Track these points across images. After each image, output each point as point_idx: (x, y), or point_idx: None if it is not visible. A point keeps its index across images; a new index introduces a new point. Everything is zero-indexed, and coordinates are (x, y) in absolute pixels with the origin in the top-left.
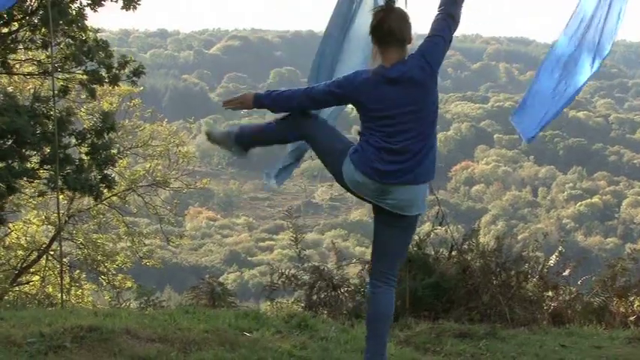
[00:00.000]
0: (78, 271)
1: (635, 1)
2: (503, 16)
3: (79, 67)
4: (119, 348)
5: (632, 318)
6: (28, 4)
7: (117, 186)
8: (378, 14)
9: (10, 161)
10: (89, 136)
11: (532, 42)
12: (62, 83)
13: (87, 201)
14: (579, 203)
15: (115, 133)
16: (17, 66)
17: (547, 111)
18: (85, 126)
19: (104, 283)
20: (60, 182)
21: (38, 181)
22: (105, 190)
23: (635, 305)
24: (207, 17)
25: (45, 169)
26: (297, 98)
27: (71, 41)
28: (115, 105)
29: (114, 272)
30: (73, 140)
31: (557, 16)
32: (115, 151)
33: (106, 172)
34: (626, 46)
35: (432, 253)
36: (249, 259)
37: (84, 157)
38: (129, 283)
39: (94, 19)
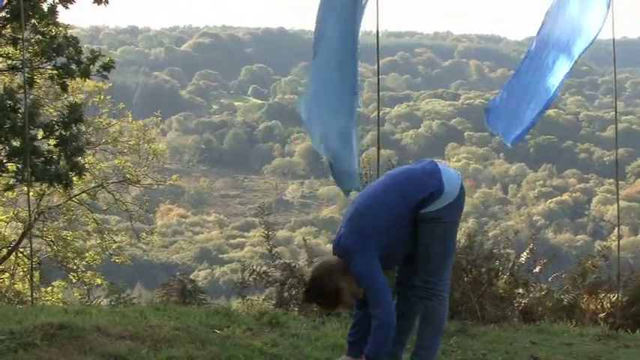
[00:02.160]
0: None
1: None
2: (475, 13)
3: (48, 63)
4: (90, 345)
5: (602, 315)
6: None
7: (87, 177)
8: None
9: None
10: (57, 127)
11: (503, 39)
12: (29, 75)
13: (56, 198)
14: (549, 200)
15: (83, 125)
16: None
17: (526, 113)
18: (51, 118)
19: (74, 280)
20: (28, 174)
21: (6, 174)
22: (75, 179)
23: (605, 302)
24: (178, 14)
25: (13, 162)
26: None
27: (41, 37)
28: (81, 100)
29: (83, 269)
30: (41, 132)
31: (527, 14)
32: (82, 142)
33: (75, 160)
34: (596, 44)
35: None
36: (220, 256)
37: (52, 148)
38: (98, 280)
39: (64, 16)
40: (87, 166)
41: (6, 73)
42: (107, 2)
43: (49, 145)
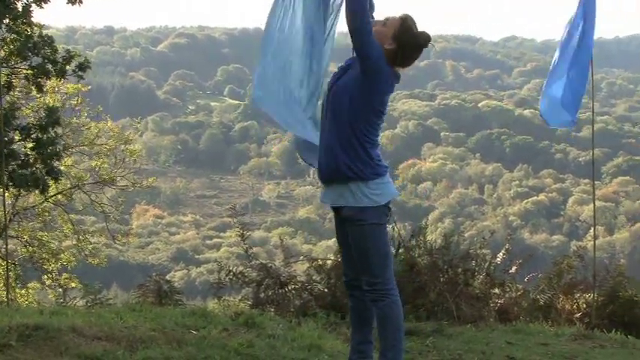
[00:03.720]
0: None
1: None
2: (451, 14)
3: (24, 63)
4: (65, 346)
5: (577, 315)
6: None
7: (63, 179)
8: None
9: None
10: (34, 131)
11: (479, 40)
12: (6, 79)
13: (32, 199)
14: (525, 201)
15: (61, 128)
16: None
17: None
18: (29, 121)
19: (48, 282)
20: (5, 178)
21: None
22: (52, 183)
23: (581, 302)
24: (154, 14)
25: None
26: None
27: (16, 36)
28: (59, 103)
29: (57, 272)
30: (17, 136)
31: (503, 15)
32: (60, 147)
33: (52, 164)
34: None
35: None
36: (197, 256)
37: (29, 152)
38: (73, 284)
39: (40, 16)
40: (64, 168)
41: None
42: (81, 2)
43: (25, 148)
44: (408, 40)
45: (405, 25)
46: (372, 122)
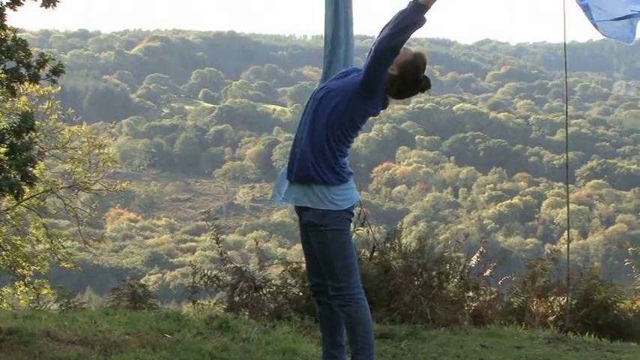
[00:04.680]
0: None
1: (555, 4)
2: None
3: None
4: (39, 350)
5: (551, 318)
6: None
7: (38, 183)
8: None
9: None
10: (8, 136)
11: (453, 43)
12: None
13: (5, 203)
14: (500, 204)
15: (35, 134)
16: None
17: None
18: (2, 126)
19: (21, 288)
20: None
21: None
22: (26, 188)
23: (555, 305)
24: (128, 18)
25: None
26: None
27: None
28: (27, 107)
29: (30, 278)
30: None
31: (478, 18)
32: (34, 152)
33: (26, 170)
34: (546, 48)
35: None
36: (171, 260)
37: (2, 157)
38: (45, 290)
39: (13, 19)
40: (37, 172)
41: None
42: (55, 5)
43: None
44: (410, 76)
45: (416, 60)
46: (347, 134)
